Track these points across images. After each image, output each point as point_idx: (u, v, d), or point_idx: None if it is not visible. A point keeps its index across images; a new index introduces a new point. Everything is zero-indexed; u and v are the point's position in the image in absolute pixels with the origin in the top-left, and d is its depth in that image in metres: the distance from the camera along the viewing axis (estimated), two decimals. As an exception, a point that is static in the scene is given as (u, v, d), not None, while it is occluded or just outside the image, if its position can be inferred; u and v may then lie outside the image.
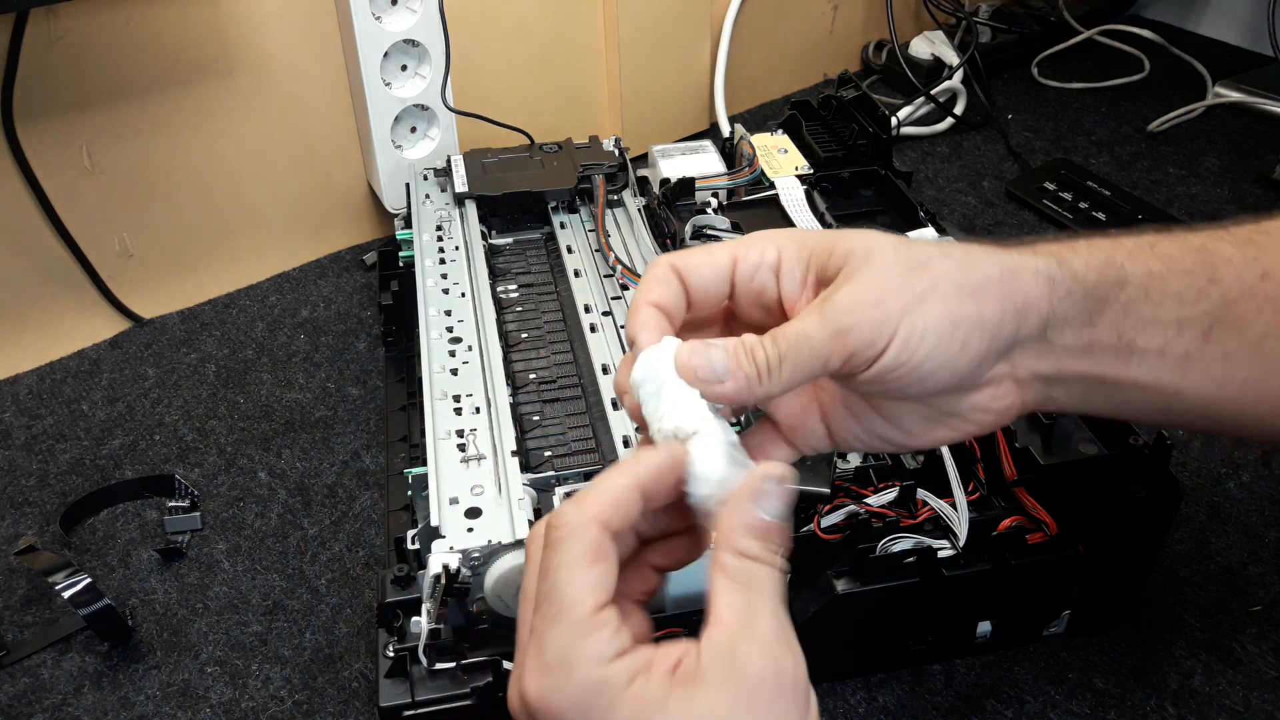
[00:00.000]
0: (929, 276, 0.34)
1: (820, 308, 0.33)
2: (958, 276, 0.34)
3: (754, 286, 0.36)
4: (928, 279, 0.34)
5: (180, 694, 0.55)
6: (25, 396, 0.75)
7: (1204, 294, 0.37)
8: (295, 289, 0.86)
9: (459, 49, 0.83)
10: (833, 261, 0.35)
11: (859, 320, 0.33)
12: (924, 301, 0.33)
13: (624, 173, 0.76)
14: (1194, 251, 0.37)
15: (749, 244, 0.36)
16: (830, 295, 0.34)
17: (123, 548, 0.63)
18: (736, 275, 0.36)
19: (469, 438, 0.53)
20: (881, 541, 0.50)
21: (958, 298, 0.34)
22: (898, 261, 0.34)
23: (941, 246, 0.36)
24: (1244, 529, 0.62)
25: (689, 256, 0.36)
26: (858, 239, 0.35)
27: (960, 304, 0.34)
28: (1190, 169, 0.98)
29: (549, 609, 0.30)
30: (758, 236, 0.36)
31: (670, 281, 0.36)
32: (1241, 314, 0.37)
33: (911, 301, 0.33)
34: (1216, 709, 0.52)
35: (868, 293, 0.33)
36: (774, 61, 1.11)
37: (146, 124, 0.76)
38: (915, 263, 0.34)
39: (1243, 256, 0.37)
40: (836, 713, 0.53)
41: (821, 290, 0.35)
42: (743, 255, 0.36)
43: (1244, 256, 0.37)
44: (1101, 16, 1.19)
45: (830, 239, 0.35)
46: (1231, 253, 0.37)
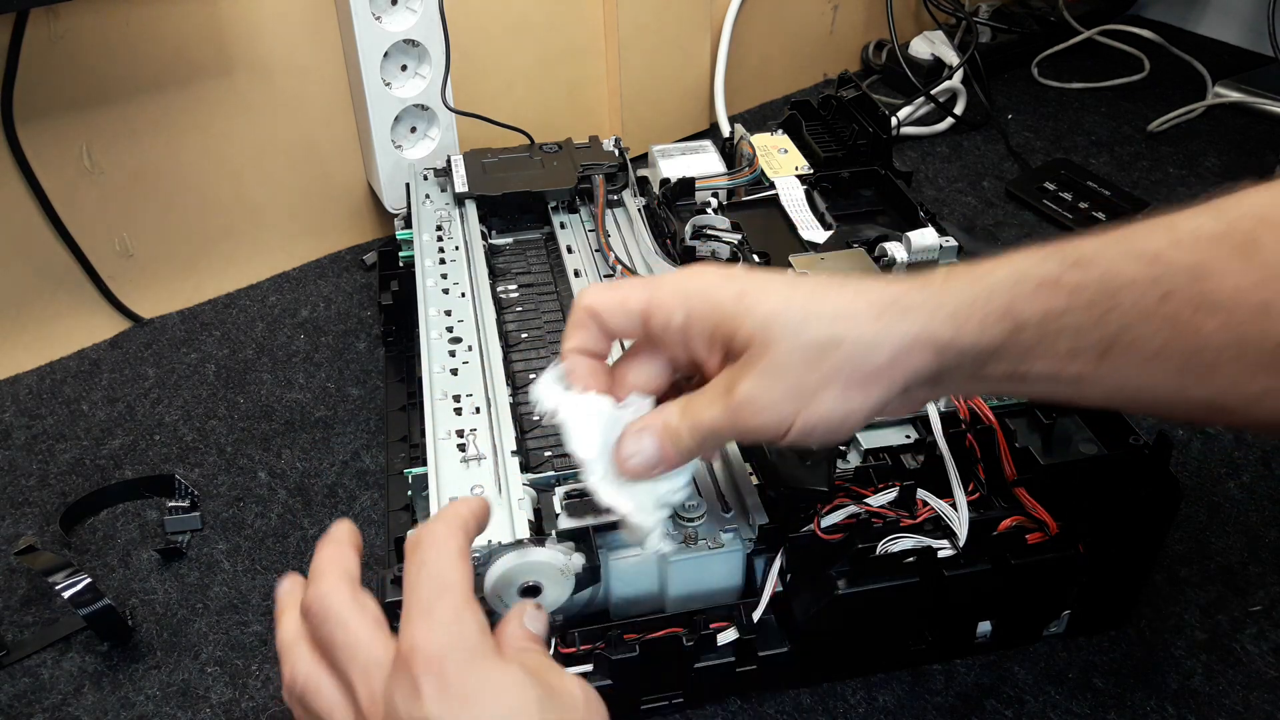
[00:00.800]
0: (826, 368, 0.38)
1: (725, 399, 0.39)
2: (853, 366, 0.38)
3: (666, 337, 0.41)
4: (824, 372, 0.38)
5: (180, 694, 0.55)
6: (25, 396, 0.75)
7: (1102, 322, 0.38)
8: (295, 289, 0.86)
9: (459, 49, 0.83)
10: (738, 338, 0.39)
11: (759, 418, 0.39)
12: (818, 398, 0.38)
13: (624, 173, 0.76)
14: (1097, 282, 0.38)
15: (661, 300, 0.40)
16: (735, 384, 0.39)
17: (123, 548, 0.63)
18: (650, 325, 0.41)
19: (469, 438, 0.53)
20: (881, 541, 0.50)
21: (850, 390, 0.39)
22: (798, 352, 0.38)
23: (846, 320, 0.39)
24: (1244, 529, 0.62)
25: (607, 297, 0.41)
26: (765, 315, 0.39)
27: (852, 396, 0.39)
28: (1190, 169, 0.98)
29: None
30: (672, 291, 0.41)
31: (590, 326, 0.42)
32: (1139, 335, 0.38)
33: (808, 398, 0.38)
34: (1216, 709, 0.52)
35: (767, 390, 0.39)
36: (774, 61, 1.11)
37: (146, 124, 0.76)
38: (815, 353, 0.38)
39: (1147, 277, 0.38)
40: (836, 713, 0.53)
41: (728, 359, 0.40)
42: (654, 312, 0.41)
43: (1148, 277, 0.38)
44: (1101, 16, 1.19)
45: (737, 312, 0.39)
46: (1136, 274, 0.38)
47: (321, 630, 0.37)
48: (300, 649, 0.37)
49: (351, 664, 0.36)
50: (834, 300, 0.39)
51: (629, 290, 0.41)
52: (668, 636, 0.49)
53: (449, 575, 0.36)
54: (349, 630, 0.36)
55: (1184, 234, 0.38)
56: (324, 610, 0.37)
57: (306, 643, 0.37)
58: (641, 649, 0.48)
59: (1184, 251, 0.38)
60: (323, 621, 0.37)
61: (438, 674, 0.34)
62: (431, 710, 0.33)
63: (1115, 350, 0.39)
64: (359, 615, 0.37)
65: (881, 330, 0.38)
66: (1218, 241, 0.38)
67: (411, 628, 0.35)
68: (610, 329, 0.42)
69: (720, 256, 0.68)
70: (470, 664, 0.35)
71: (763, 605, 0.50)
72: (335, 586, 0.37)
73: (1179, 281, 0.38)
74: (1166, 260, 0.38)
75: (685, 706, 0.53)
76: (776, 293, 0.39)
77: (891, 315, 0.38)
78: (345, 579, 0.38)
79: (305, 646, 0.37)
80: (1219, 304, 0.37)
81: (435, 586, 0.36)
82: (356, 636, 0.36)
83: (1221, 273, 0.37)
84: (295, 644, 0.37)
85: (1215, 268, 0.37)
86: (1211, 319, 0.37)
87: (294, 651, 0.37)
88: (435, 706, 0.33)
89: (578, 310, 0.42)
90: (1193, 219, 0.39)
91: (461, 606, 0.35)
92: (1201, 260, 0.38)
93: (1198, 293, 0.37)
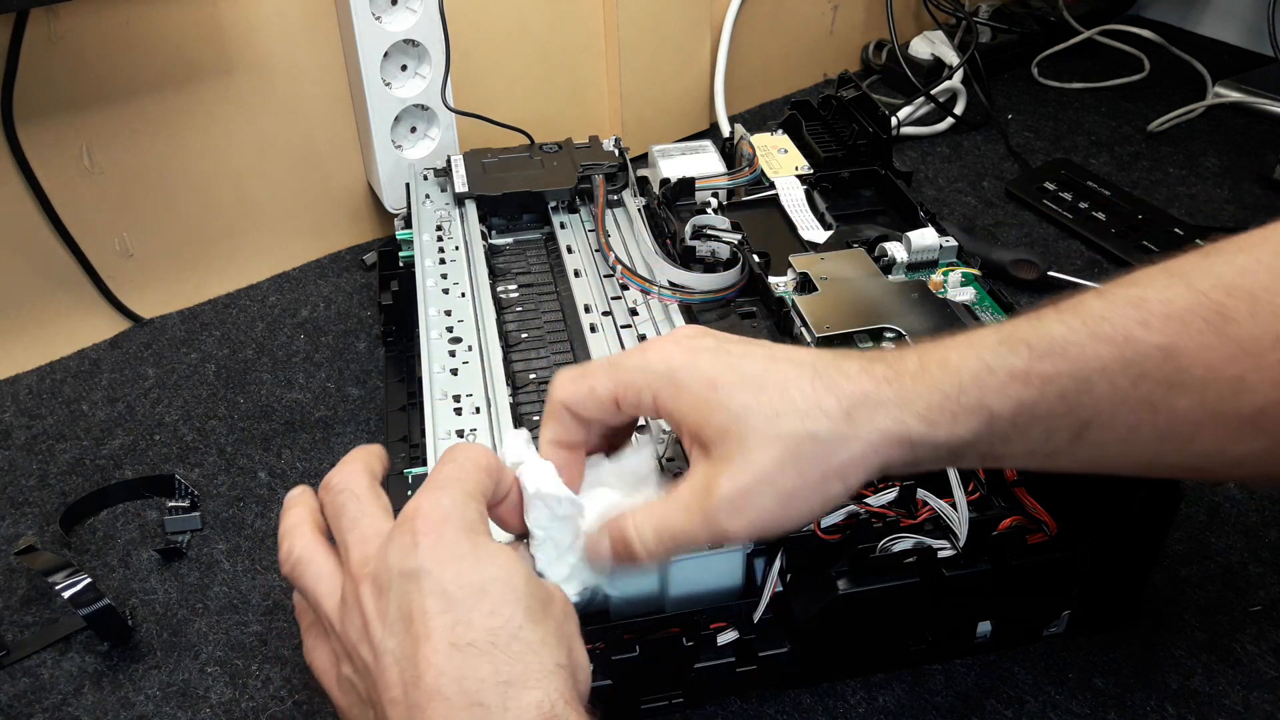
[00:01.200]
0: (802, 465, 0.38)
1: (703, 501, 0.39)
2: (828, 461, 0.39)
3: (639, 414, 0.43)
4: (800, 468, 0.38)
5: (180, 694, 0.55)
6: (25, 396, 0.75)
7: (1076, 408, 0.39)
8: (295, 289, 0.86)
9: (459, 49, 0.83)
10: (708, 430, 0.39)
11: (738, 520, 0.39)
12: (797, 495, 0.39)
13: (624, 173, 0.76)
14: (1068, 373, 0.38)
15: (629, 382, 0.41)
16: (711, 485, 0.39)
17: (123, 548, 0.63)
18: (621, 409, 0.42)
19: (469, 438, 0.53)
20: (881, 542, 0.50)
21: (828, 482, 0.39)
22: (773, 449, 0.38)
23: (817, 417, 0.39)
24: (1244, 529, 0.62)
25: (575, 389, 0.42)
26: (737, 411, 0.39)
27: (830, 486, 0.39)
28: (1190, 169, 0.98)
29: None
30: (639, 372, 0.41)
31: (564, 418, 0.43)
32: (1113, 417, 0.38)
33: (786, 496, 0.39)
34: (1216, 709, 0.52)
35: (745, 491, 0.39)
36: (774, 61, 1.11)
37: (146, 124, 0.76)
38: (790, 451, 0.38)
39: (1118, 361, 0.38)
40: (836, 713, 0.53)
41: (695, 442, 0.40)
42: (623, 396, 0.41)
43: (1119, 360, 0.38)
44: (1101, 16, 1.19)
45: (708, 402, 0.39)
46: (1107, 359, 0.38)
47: (336, 500, 0.39)
48: (302, 530, 0.40)
49: (353, 529, 0.38)
50: (805, 396, 0.39)
51: (596, 379, 0.42)
52: (667, 637, 0.49)
53: (469, 477, 0.38)
54: (361, 503, 0.39)
55: (1154, 312, 0.38)
56: (343, 483, 0.40)
57: (309, 526, 0.40)
58: (641, 649, 0.48)
59: (1154, 331, 0.38)
60: (339, 492, 0.40)
61: (436, 533, 0.36)
62: (425, 563, 0.35)
63: (1090, 431, 0.39)
64: (373, 496, 0.39)
65: (853, 428, 0.39)
66: (1188, 317, 0.38)
67: (418, 498, 0.37)
68: (584, 419, 0.43)
69: (720, 256, 0.68)
70: (468, 533, 0.36)
71: (763, 605, 0.50)
72: (359, 471, 0.40)
73: (1151, 362, 0.38)
74: (1137, 341, 0.38)
75: (685, 707, 0.53)
76: (747, 386, 0.39)
77: (862, 413, 0.39)
78: (369, 470, 0.41)
79: (308, 528, 0.40)
80: (1192, 382, 0.37)
81: (452, 476, 0.38)
82: (365, 509, 0.39)
83: (1194, 350, 0.37)
84: (298, 527, 0.40)
85: (1187, 345, 0.37)
86: (1185, 397, 0.38)
87: (295, 532, 0.40)
88: (429, 560, 0.35)
89: (551, 403, 0.43)
90: (1162, 292, 0.39)
91: (469, 496, 0.38)
92: (1172, 339, 0.38)
93: (1171, 371, 0.37)
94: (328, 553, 0.39)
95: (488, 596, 0.35)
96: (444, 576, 0.35)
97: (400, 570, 0.35)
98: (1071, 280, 0.82)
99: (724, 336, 0.42)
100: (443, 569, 0.35)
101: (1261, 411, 0.37)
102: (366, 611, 0.36)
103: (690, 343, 0.42)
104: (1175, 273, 0.39)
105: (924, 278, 0.65)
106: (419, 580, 0.35)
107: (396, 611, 0.35)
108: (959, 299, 0.63)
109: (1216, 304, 0.37)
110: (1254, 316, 0.37)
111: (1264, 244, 0.39)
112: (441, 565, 0.35)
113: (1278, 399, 0.37)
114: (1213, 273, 0.38)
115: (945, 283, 0.64)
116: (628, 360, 0.42)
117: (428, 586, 0.35)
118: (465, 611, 0.34)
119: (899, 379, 0.39)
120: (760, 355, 0.41)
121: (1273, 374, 0.37)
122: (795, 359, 0.41)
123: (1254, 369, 0.37)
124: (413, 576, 0.35)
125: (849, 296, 0.62)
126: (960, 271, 0.65)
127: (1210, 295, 0.38)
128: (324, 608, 0.38)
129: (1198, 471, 0.41)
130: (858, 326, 0.60)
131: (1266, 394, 0.37)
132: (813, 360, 0.41)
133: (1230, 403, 0.37)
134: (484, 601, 0.35)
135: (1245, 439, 0.38)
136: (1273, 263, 0.38)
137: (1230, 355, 0.37)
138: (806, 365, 0.40)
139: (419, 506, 0.37)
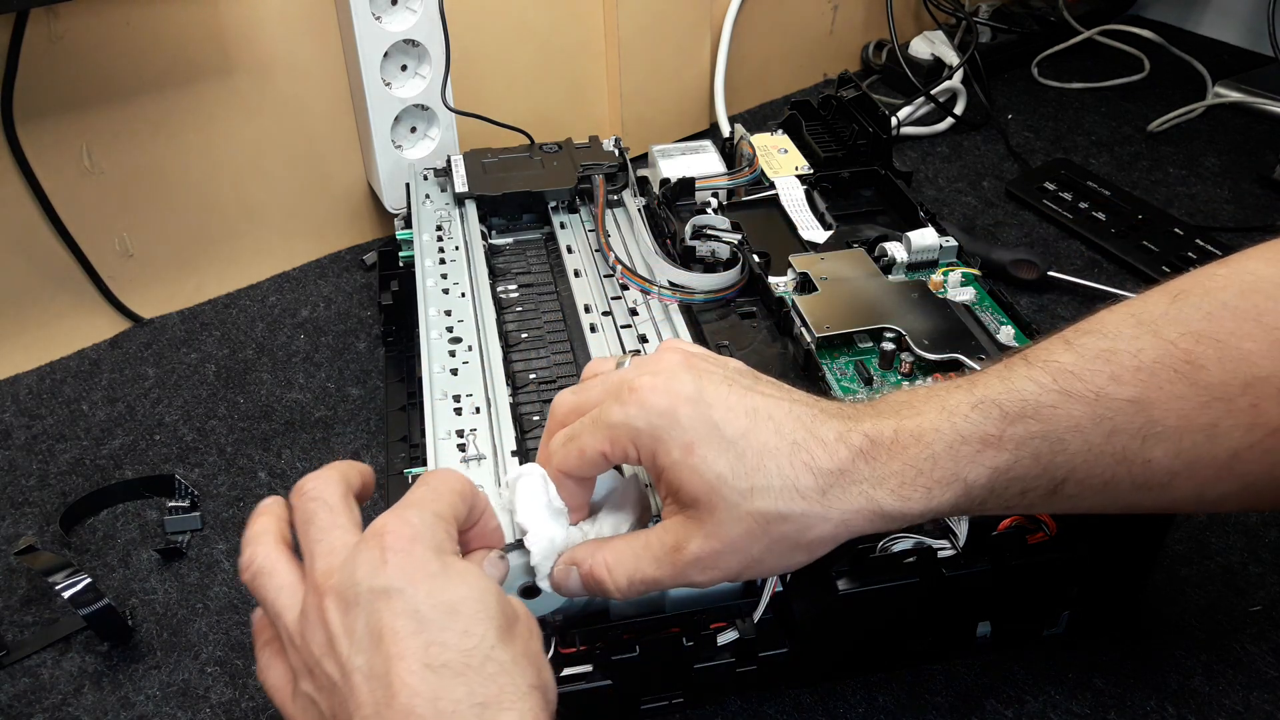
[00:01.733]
0: (772, 538, 0.40)
1: (674, 557, 0.41)
2: (798, 536, 0.40)
3: None
4: (770, 541, 0.40)
5: (180, 694, 0.55)
6: (25, 396, 0.75)
7: (1050, 467, 0.39)
8: (295, 289, 0.86)
9: (459, 49, 0.83)
10: (684, 493, 0.40)
11: (705, 575, 0.41)
12: (763, 563, 0.41)
13: (624, 173, 0.76)
14: (1041, 435, 0.39)
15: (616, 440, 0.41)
16: (683, 544, 0.41)
17: (123, 548, 0.63)
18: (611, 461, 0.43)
19: (469, 438, 0.53)
20: (881, 542, 0.50)
21: (795, 553, 0.41)
22: (744, 522, 0.39)
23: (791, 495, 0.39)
24: (1244, 529, 0.62)
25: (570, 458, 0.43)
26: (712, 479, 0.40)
27: (796, 557, 0.41)
28: (1190, 169, 0.98)
29: None
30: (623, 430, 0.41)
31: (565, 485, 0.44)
32: (1088, 473, 0.39)
33: (753, 562, 0.41)
34: (1217, 709, 0.52)
35: (715, 554, 0.40)
36: (774, 61, 1.11)
37: (146, 124, 0.76)
38: (761, 525, 0.39)
39: (1090, 418, 0.38)
40: (836, 713, 0.53)
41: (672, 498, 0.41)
42: (612, 453, 0.42)
43: (1091, 418, 0.38)
44: (1101, 16, 1.19)
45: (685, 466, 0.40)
46: (1079, 418, 0.38)
47: (307, 507, 0.39)
48: (265, 539, 0.39)
49: (321, 540, 0.37)
50: (782, 469, 0.39)
51: (586, 441, 0.42)
52: (667, 637, 0.49)
53: (441, 499, 0.38)
54: (333, 514, 0.38)
55: (1124, 365, 0.38)
56: (317, 490, 0.39)
57: (273, 536, 0.39)
58: (641, 649, 0.48)
59: (1125, 386, 0.38)
60: (311, 499, 0.39)
61: (406, 550, 0.35)
62: (395, 580, 0.35)
63: (1066, 486, 0.40)
64: (345, 508, 0.39)
65: (826, 505, 0.39)
66: (1157, 368, 0.38)
67: (386, 516, 0.37)
68: (583, 478, 0.44)
69: (720, 256, 0.68)
70: (437, 553, 0.36)
71: (763, 605, 0.50)
72: (335, 480, 0.40)
73: (1123, 417, 0.38)
74: (1108, 398, 0.38)
75: (685, 707, 0.53)
76: (725, 452, 0.40)
77: (836, 490, 0.39)
78: (345, 481, 0.40)
79: (271, 538, 0.39)
80: (1166, 432, 0.38)
81: (424, 497, 0.38)
82: (337, 520, 0.38)
83: (1165, 400, 0.38)
84: (261, 535, 0.39)
85: (1158, 398, 0.38)
86: (1159, 448, 0.38)
87: (257, 540, 0.39)
88: (400, 577, 0.35)
89: (551, 473, 0.44)
90: (1131, 343, 0.39)
91: (439, 517, 0.38)
92: (1144, 392, 0.38)
93: (1144, 423, 0.38)
94: (290, 564, 0.38)
95: (460, 616, 0.35)
96: (416, 595, 0.34)
97: (369, 587, 0.34)
98: (1071, 280, 0.82)
99: (703, 380, 0.41)
100: (415, 587, 0.34)
101: (1236, 456, 0.38)
102: (332, 626, 0.35)
103: (670, 390, 0.41)
104: (1144, 321, 0.39)
105: (924, 278, 0.65)
106: (390, 598, 0.34)
107: (365, 628, 0.34)
108: (959, 299, 0.63)
109: (1185, 352, 0.38)
110: (1221, 362, 0.37)
111: (1228, 284, 0.39)
112: (413, 584, 0.35)
113: (1250, 443, 0.37)
114: (1180, 320, 0.39)
115: (945, 283, 0.64)
116: (611, 415, 0.41)
117: (399, 605, 0.34)
118: (438, 631, 0.34)
119: (874, 451, 0.40)
120: (741, 411, 0.41)
121: (1244, 418, 0.37)
122: (776, 420, 0.40)
123: (1225, 414, 0.37)
124: (383, 594, 0.34)
125: (849, 296, 0.62)
126: (960, 271, 0.65)
127: (1178, 344, 0.38)
128: (284, 620, 0.37)
129: (1175, 511, 0.42)
130: (858, 326, 0.60)
131: (1239, 439, 0.37)
132: (793, 425, 0.40)
133: (1205, 449, 0.38)
134: (456, 621, 0.34)
135: (1221, 483, 0.39)
136: (1238, 305, 0.38)
137: (1202, 403, 0.37)
138: (787, 434, 0.40)
139: (386, 523, 0.36)
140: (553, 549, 0.44)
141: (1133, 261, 0.84)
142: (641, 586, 0.42)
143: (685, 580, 0.42)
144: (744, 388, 0.42)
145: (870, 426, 0.40)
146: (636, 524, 0.46)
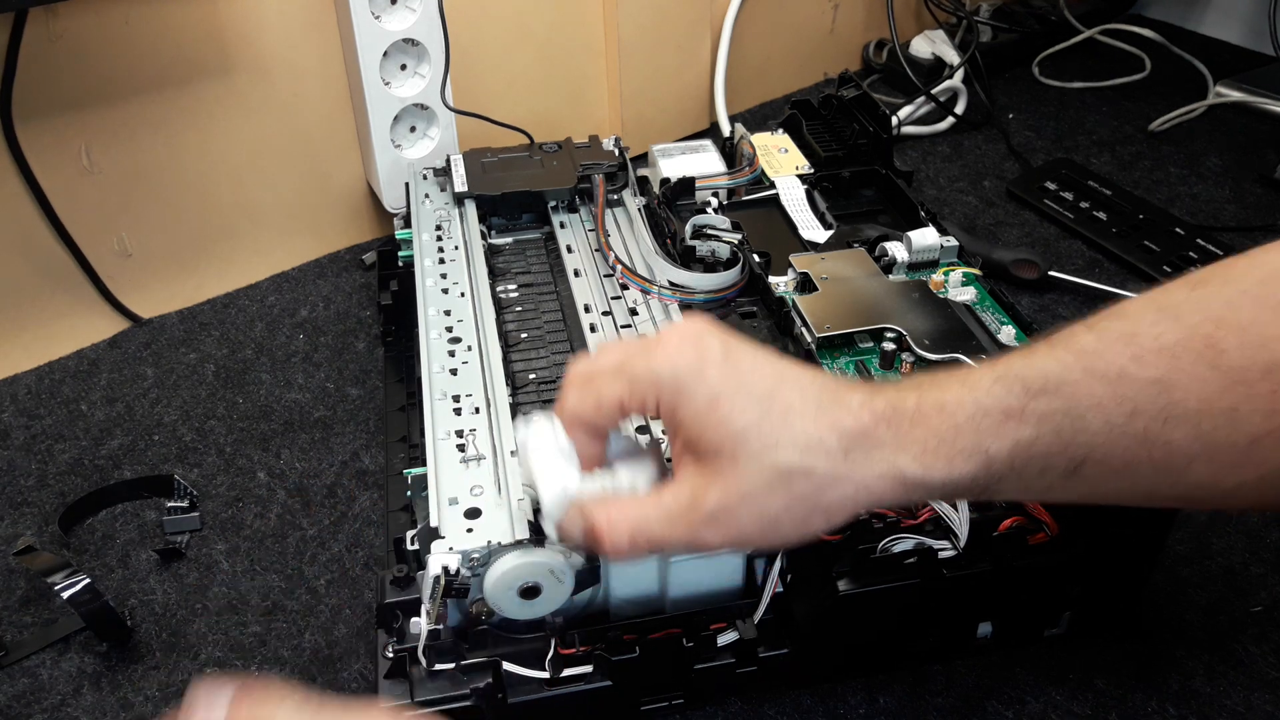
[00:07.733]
0: (793, 496, 0.39)
1: (690, 514, 0.40)
2: (818, 496, 0.39)
3: None
4: (790, 499, 0.39)
5: (180, 695, 0.55)
6: (24, 396, 0.75)
7: (1071, 445, 0.39)
8: (294, 289, 0.86)
9: (459, 49, 0.83)
10: (705, 442, 0.40)
11: (720, 535, 0.40)
12: (780, 522, 0.40)
13: (624, 172, 0.75)
14: (1063, 411, 0.39)
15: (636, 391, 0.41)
16: (701, 498, 0.40)
17: (122, 548, 0.63)
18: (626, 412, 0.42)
19: (469, 438, 0.53)
20: (882, 542, 0.50)
21: (813, 516, 0.40)
22: (766, 475, 0.39)
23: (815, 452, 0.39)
24: (1245, 529, 0.62)
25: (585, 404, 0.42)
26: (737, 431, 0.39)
27: (814, 521, 0.40)
28: (1191, 169, 0.98)
29: None
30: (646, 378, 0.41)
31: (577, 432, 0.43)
32: (1108, 453, 0.39)
33: (770, 521, 0.40)
34: (1218, 710, 0.52)
35: (733, 509, 0.39)
36: (774, 61, 1.11)
37: (146, 124, 0.76)
38: (783, 480, 0.39)
39: (1113, 397, 0.38)
40: (837, 714, 0.53)
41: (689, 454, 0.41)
42: (630, 403, 0.41)
43: (1114, 397, 0.38)
44: (1102, 16, 1.19)
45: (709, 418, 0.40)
46: (1101, 396, 0.38)
47: None
48: None
49: None
50: (806, 427, 0.39)
51: (603, 385, 0.42)
52: (667, 637, 0.49)
53: None
54: None
55: (1146, 347, 0.38)
56: None
57: None
58: (641, 650, 0.48)
59: (1147, 366, 0.38)
60: None
61: None
62: None
63: (1085, 467, 0.39)
64: None
65: (849, 466, 0.39)
66: (1179, 351, 0.38)
67: None
68: (598, 428, 0.43)
69: (720, 256, 0.68)
70: None
71: (763, 606, 0.50)
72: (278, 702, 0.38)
73: (1145, 397, 0.38)
74: (1130, 377, 0.38)
75: (685, 708, 0.53)
76: (750, 409, 0.39)
77: (859, 452, 0.39)
78: None
79: None
80: (1186, 415, 0.38)
81: None
82: None
83: (1186, 383, 0.38)
84: None
85: (1180, 379, 0.38)
86: (1180, 430, 0.38)
87: None
88: None
89: (564, 415, 0.43)
90: (1153, 327, 0.39)
91: None
92: (1165, 373, 0.38)
93: (1165, 405, 0.38)
94: None
95: None
96: None
97: None
98: (1073, 280, 0.82)
99: (731, 342, 0.42)
100: None
101: (1255, 442, 0.38)
102: None
103: (698, 346, 0.41)
104: (1164, 307, 0.40)
105: (925, 277, 0.65)
106: None
107: None
108: (960, 299, 0.63)
109: (1206, 336, 0.38)
110: (1242, 348, 0.37)
111: (1248, 274, 0.39)
112: None
113: (1270, 429, 0.37)
114: (1201, 306, 0.39)
115: (946, 282, 0.64)
116: (634, 364, 0.41)
117: None
118: None
119: (897, 419, 0.40)
120: (768, 372, 0.41)
121: (1264, 404, 0.37)
122: (801, 384, 0.41)
123: (1245, 399, 0.37)
124: None
125: (849, 296, 0.62)
126: (961, 271, 0.65)
127: (1200, 329, 0.38)
128: None
129: (1190, 502, 0.42)
130: (858, 326, 0.60)
131: (1259, 424, 0.37)
132: (818, 389, 0.41)
133: (1224, 434, 0.38)
134: None
135: (1239, 470, 0.39)
136: (1258, 293, 0.38)
137: (1223, 387, 0.37)
138: (811, 395, 0.40)
139: None
140: (565, 497, 0.42)
141: (1134, 261, 0.84)
142: (645, 547, 0.41)
143: (696, 540, 0.40)
144: (770, 353, 0.42)
145: (894, 396, 0.41)
146: None
